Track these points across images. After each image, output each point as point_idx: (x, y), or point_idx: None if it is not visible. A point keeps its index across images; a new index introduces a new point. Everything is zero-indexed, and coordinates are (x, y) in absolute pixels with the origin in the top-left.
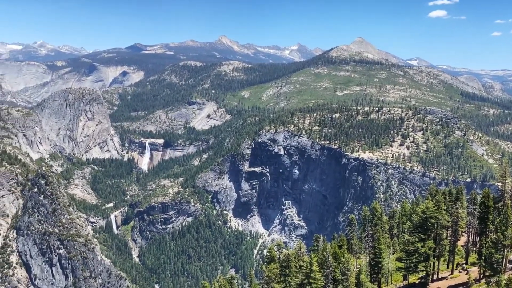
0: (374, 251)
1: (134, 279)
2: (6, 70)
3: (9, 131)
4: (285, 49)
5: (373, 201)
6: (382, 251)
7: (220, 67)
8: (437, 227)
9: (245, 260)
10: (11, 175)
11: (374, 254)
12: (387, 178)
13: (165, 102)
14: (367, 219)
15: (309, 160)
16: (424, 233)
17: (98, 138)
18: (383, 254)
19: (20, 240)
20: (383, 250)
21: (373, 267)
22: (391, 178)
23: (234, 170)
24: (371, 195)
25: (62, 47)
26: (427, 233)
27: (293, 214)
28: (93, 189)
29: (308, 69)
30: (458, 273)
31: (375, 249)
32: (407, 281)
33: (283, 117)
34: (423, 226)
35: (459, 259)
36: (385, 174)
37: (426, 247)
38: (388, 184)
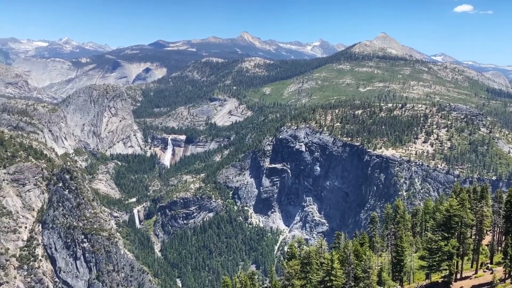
0: (396, 249)
1: (156, 273)
2: (32, 67)
3: (35, 126)
4: (307, 45)
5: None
6: (404, 249)
7: (241, 63)
8: (461, 226)
9: (266, 256)
10: (37, 169)
11: (396, 252)
12: (410, 175)
13: (187, 98)
14: (389, 217)
15: (331, 157)
16: (448, 232)
17: (122, 133)
18: (405, 252)
19: (45, 234)
20: (406, 248)
21: (395, 265)
22: (414, 176)
23: (255, 167)
24: (393, 193)
25: (87, 44)
26: (451, 232)
27: (314, 211)
28: (117, 184)
29: (330, 65)
30: (483, 272)
31: (397, 247)
32: (430, 279)
33: (304, 114)
34: (446, 224)
35: (484, 259)
36: (408, 171)
37: (449, 246)
38: (411, 181)
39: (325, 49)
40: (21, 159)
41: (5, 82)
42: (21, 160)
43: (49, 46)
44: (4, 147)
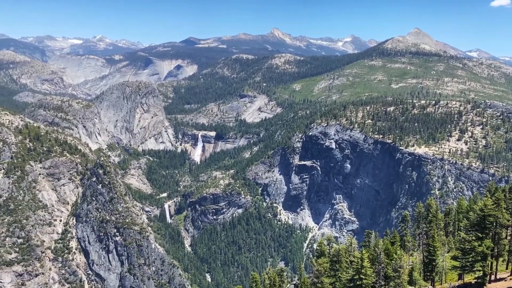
0: (428, 249)
1: (186, 267)
2: (67, 64)
3: (70, 122)
4: (338, 41)
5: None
6: (436, 249)
7: (271, 60)
8: (496, 226)
9: (295, 253)
10: (72, 164)
11: (428, 251)
12: (443, 174)
13: (217, 95)
14: (421, 216)
15: (362, 155)
16: (482, 232)
17: (153, 130)
18: (437, 252)
19: (79, 227)
20: (438, 248)
21: (427, 265)
22: (448, 174)
23: (284, 163)
24: (426, 191)
25: (120, 42)
26: (485, 232)
27: (344, 209)
28: (148, 179)
29: (362, 61)
30: None
31: (429, 247)
32: (463, 280)
33: (335, 110)
34: (480, 224)
35: None
36: (441, 169)
37: (483, 246)
38: (444, 180)
39: (356, 45)
40: (56, 154)
41: (42, 79)
42: (56, 155)
43: (83, 44)
44: (40, 142)
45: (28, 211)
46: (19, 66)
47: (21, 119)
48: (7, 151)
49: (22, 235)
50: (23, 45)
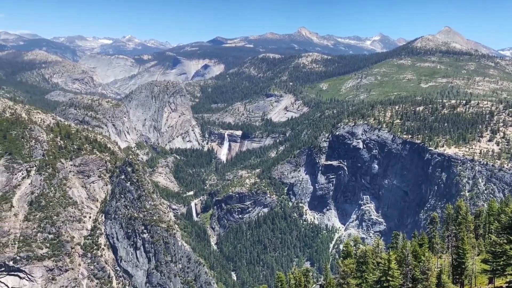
0: (458, 251)
1: (212, 265)
2: (97, 64)
3: (100, 121)
4: (367, 39)
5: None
6: (466, 252)
7: (298, 59)
8: None
9: (321, 254)
10: (101, 162)
11: (457, 254)
12: (473, 175)
13: (243, 94)
14: (450, 218)
15: (390, 155)
16: None
17: (181, 128)
18: (467, 254)
19: (108, 224)
20: (467, 250)
21: (456, 268)
22: (478, 176)
23: (310, 163)
24: (455, 193)
25: (149, 41)
26: None
27: (371, 209)
28: (175, 177)
29: (391, 60)
30: None
31: (458, 249)
32: (493, 284)
33: (362, 110)
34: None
35: None
36: (472, 171)
37: None
38: (475, 181)
39: (385, 43)
40: (87, 152)
41: (72, 78)
42: (87, 153)
43: (113, 44)
44: (71, 140)
45: (59, 207)
46: (51, 66)
47: (52, 118)
48: (39, 149)
49: (52, 231)
50: (55, 45)
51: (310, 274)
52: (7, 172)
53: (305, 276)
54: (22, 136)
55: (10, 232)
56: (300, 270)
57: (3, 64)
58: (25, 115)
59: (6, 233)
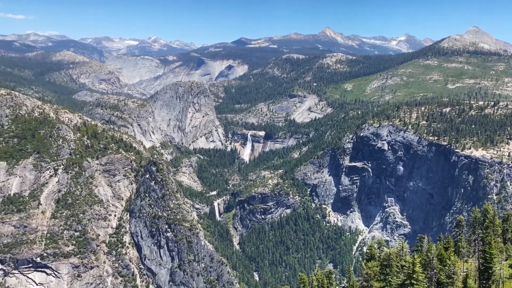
0: (484, 256)
1: (234, 265)
2: (123, 64)
3: (126, 120)
4: (392, 40)
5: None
6: (493, 256)
7: (322, 59)
8: None
9: (344, 256)
10: (127, 161)
11: (484, 258)
12: (501, 178)
13: (267, 95)
14: (477, 221)
15: (415, 157)
16: None
17: (204, 129)
18: (494, 259)
19: (132, 222)
20: (495, 255)
21: (483, 273)
22: (506, 178)
23: (334, 164)
24: (482, 196)
25: (174, 42)
26: None
27: (396, 212)
28: (199, 177)
29: (417, 61)
30: None
31: (485, 254)
32: None
33: (387, 111)
34: None
35: None
36: (500, 173)
37: None
38: (503, 184)
39: (411, 44)
40: (112, 151)
41: (99, 79)
42: (112, 152)
43: (139, 45)
44: (98, 140)
45: (85, 205)
46: (78, 66)
47: (79, 117)
48: (66, 148)
49: (79, 229)
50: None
51: (333, 276)
52: (35, 170)
53: (328, 278)
54: (50, 135)
55: (37, 229)
56: (323, 272)
57: (33, 65)
58: (53, 115)
59: (34, 230)
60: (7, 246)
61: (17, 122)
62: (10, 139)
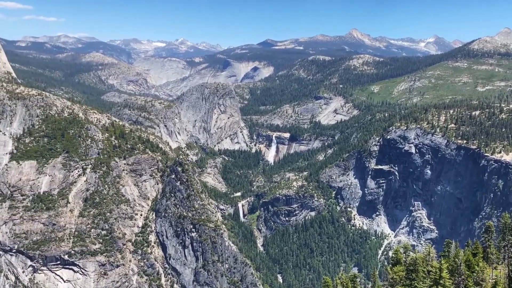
0: None
1: (258, 267)
2: (151, 66)
3: (152, 121)
4: (420, 41)
5: None
6: None
7: (349, 61)
8: None
9: (369, 260)
10: (153, 161)
11: None
12: None
13: (292, 96)
14: (507, 227)
15: (443, 160)
16: None
17: (229, 130)
18: None
19: (158, 222)
20: None
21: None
22: None
23: (359, 167)
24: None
25: (200, 44)
26: None
27: (422, 216)
28: (223, 178)
29: (446, 63)
30: None
31: None
32: None
33: (415, 113)
34: None
35: None
36: None
37: None
38: None
39: (440, 45)
40: (139, 151)
41: (127, 80)
42: (139, 152)
43: (166, 47)
44: (125, 140)
45: (112, 204)
46: (107, 68)
47: (108, 118)
48: (94, 148)
49: (105, 227)
50: (111, 47)
51: (357, 280)
52: (64, 169)
53: (353, 282)
54: (79, 135)
55: (66, 227)
56: (348, 275)
57: (63, 66)
58: (82, 115)
59: (62, 228)
60: (36, 243)
61: (47, 122)
62: (40, 138)
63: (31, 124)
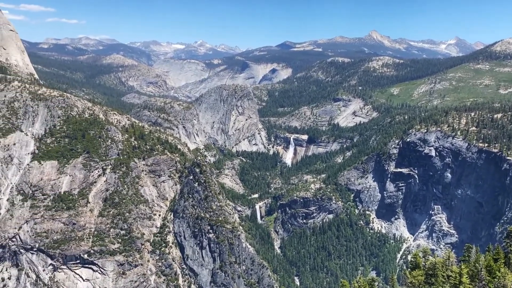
0: None
1: (275, 269)
2: (170, 68)
3: (171, 123)
4: (441, 43)
5: None
6: None
7: (368, 63)
8: None
9: (387, 264)
10: (171, 162)
11: None
12: None
13: (310, 98)
14: None
15: (464, 164)
16: None
17: (247, 132)
18: None
19: (176, 222)
20: None
21: None
22: None
23: (378, 170)
24: None
25: (219, 46)
26: None
27: (442, 220)
28: (241, 179)
29: (467, 65)
30: None
31: None
32: None
33: (435, 116)
34: None
35: None
36: None
37: None
38: None
39: (461, 47)
40: (158, 152)
41: (147, 82)
42: (158, 153)
43: (185, 49)
44: (144, 141)
45: (131, 204)
46: (127, 69)
47: (127, 119)
48: (114, 148)
49: (124, 227)
50: (131, 49)
51: (375, 284)
52: (85, 169)
53: (371, 286)
54: (99, 136)
55: (85, 227)
56: (365, 279)
57: (84, 68)
58: (102, 116)
59: (82, 228)
60: (57, 242)
61: (68, 122)
62: (61, 139)
63: (53, 124)
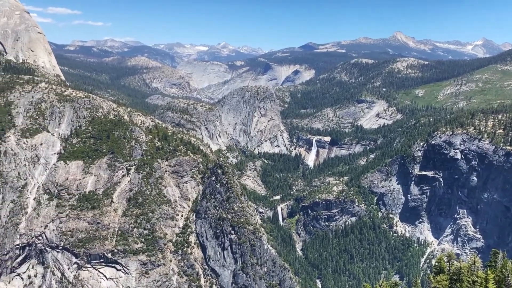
0: None
1: (296, 271)
2: (194, 69)
3: (194, 124)
4: (468, 44)
5: None
6: None
7: (393, 64)
8: None
9: (411, 268)
10: (194, 163)
11: None
12: None
13: (333, 100)
14: None
15: (490, 167)
16: None
17: (269, 133)
18: None
19: (198, 223)
20: None
21: None
22: None
23: (402, 173)
24: None
25: (242, 48)
26: None
27: (468, 224)
28: (263, 181)
29: (494, 66)
30: None
31: None
32: None
33: (461, 118)
34: None
35: None
36: None
37: None
38: None
39: (488, 48)
40: (181, 153)
41: (171, 83)
42: (181, 154)
43: (208, 50)
44: (167, 142)
45: (154, 205)
46: (151, 71)
47: (151, 120)
48: (138, 149)
49: (147, 227)
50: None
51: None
52: (109, 169)
53: None
54: (124, 137)
55: (109, 226)
56: (388, 283)
57: (109, 69)
58: (127, 117)
59: (106, 227)
60: (81, 241)
61: (93, 123)
62: (87, 139)
63: (78, 125)
